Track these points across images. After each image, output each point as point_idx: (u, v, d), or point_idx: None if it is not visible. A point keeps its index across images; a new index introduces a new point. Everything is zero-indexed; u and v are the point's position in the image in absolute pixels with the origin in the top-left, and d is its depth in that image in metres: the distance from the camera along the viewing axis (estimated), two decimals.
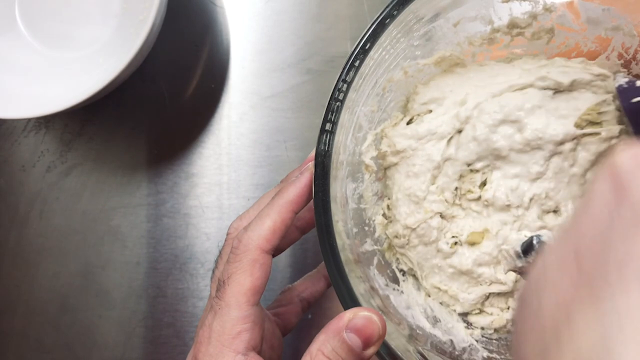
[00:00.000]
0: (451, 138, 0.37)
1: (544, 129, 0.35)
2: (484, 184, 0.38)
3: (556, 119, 0.35)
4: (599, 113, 0.35)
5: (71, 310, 0.50)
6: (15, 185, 0.51)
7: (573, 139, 0.35)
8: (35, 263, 0.50)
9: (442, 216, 0.37)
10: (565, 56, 0.37)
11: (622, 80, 0.34)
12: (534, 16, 0.36)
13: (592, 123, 0.36)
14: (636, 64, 0.36)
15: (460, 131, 0.37)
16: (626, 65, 0.37)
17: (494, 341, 0.38)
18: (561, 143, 0.35)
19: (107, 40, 0.49)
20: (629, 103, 0.34)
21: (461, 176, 0.37)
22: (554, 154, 0.36)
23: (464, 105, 0.37)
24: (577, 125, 0.35)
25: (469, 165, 0.37)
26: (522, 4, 0.35)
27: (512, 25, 0.36)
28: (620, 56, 0.36)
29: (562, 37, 0.37)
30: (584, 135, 0.35)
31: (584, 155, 0.36)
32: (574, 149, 0.36)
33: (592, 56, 0.37)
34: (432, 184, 0.37)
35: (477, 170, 0.37)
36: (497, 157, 0.37)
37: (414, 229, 0.37)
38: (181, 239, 0.50)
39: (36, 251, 0.50)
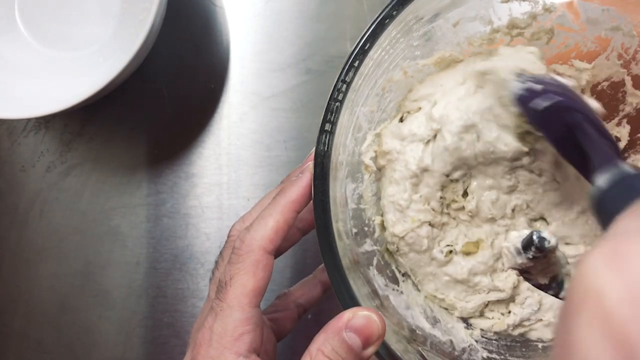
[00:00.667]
0: (428, 142, 0.36)
1: (494, 142, 0.33)
2: (466, 193, 0.37)
3: (501, 129, 0.33)
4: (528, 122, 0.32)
5: (71, 310, 0.50)
6: (15, 185, 0.51)
7: (526, 153, 0.34)
8: (35, 263, 0.50)
9: (431, 224, 0.37)
10: (564, 56, 0.37)
11: (520, 86, 0.31)
12: (533, 16, 0.36)
13: (529, 133, 0.33)
14: (636, 65, 0.36)
15: (437, 134, 0.36)
16: (626, 65, 0.37)
17: (494, 342, 0.38)
18: (515, 159, 0.34)
19: (107, 40, 0.49)
20: (529, 109, 0.30)
21: (443, 187, 0.36)
22: (514, 167, 0.35)
23: (435, 105, 0.35)
24: (520, 139, 0.33)
25: (447, 175, 0.36)
26: (521, 4, 0.35)
27: (512, 25, 0.36)
28: (619, 56, 0.36)
29: (562, 38, 0.37)
30: (533, 149, 0.34)
31: (544, 165, 0.35)
32: (533, 161, 0.35)
33: (591, 56, 0.37)
34: (415, 193, 0.36)
35: (457, 180, 0.36)
36: (469, 166, 0.36)
37: (402, 237, 0.36)
38: (181, 239, 0.50)
39: (36, 251, 0.50)
